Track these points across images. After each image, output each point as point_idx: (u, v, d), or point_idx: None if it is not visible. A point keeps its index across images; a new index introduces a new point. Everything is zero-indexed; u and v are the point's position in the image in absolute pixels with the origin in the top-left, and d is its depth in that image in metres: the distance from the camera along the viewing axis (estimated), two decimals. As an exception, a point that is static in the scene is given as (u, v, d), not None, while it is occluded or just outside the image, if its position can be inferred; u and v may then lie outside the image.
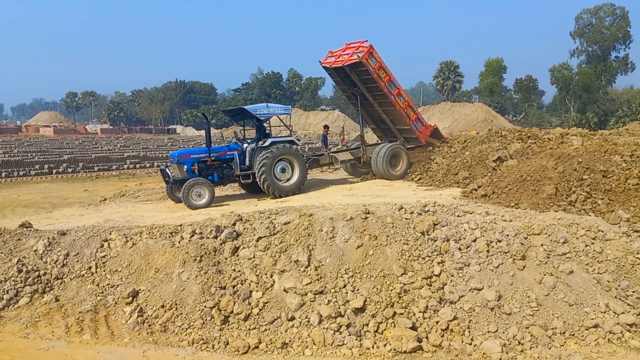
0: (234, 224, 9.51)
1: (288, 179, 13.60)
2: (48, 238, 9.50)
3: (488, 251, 8.55)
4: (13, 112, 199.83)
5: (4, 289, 8.49)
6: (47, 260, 9.11)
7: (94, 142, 49.60)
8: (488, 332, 7.59)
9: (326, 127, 22.55)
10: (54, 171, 26.49)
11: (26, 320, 7.97)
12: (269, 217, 9.62)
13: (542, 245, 8.63)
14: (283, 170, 13.51)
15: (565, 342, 7.38)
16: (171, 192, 13.53)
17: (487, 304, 7.86)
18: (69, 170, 27.10)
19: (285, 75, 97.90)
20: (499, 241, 8.69)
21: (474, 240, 8.82)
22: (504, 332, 7.55)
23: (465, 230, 9.09)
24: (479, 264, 8.40)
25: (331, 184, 16.07)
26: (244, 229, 9.40)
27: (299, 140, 14.47)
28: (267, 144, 13.33)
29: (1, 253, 9.12)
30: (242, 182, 13.85)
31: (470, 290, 8.10)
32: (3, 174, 24.64)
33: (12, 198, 18.47)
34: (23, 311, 8.22)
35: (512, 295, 7.97)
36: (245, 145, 13.85)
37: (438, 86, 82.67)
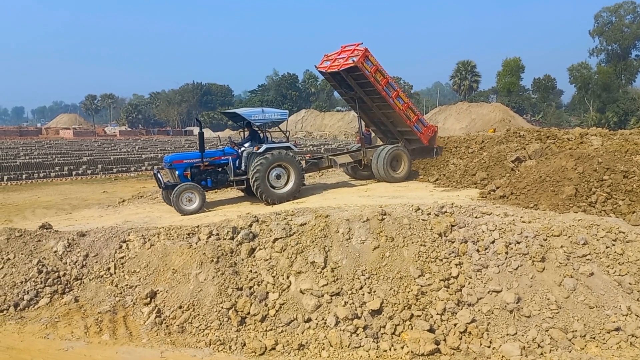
0: (251, 225, 9.52)
1: (283, 186, 13.32)
2: (67, 239, 9.60)
3: (507, 253, 8.45)
4: (34, 114, 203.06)
5: (25, 289, 8.60)
6: (67, 261, 9.20)
7: (112, 144, 50.17)
8: (507, 334, 7.51)
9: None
10: (74, 173, 26.81)
11: (46, 321, 8.07)
12: (285, 219, 9.62)
13: (561, 246, 8.51)
14: (278, 176, 13.21)
15: (586, 346, 7.26)
16: (166, 197, 13.28)
17: (506, 306, 7.77)
18: (88, 172, 27.42)
19: (301, 77, 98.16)
20: (518, 243, 8.59)
21: (493, 242, 8.72)
22: (523, 335, 7.46)
23: (483, 231, 8.99)
24: (498, 266, 8.30)
25: (347, 185, 16.03)
26: (261, 230, 9.41)
27: (295, 146, 14.17)
28: (261, 150, 13.08)
29: (22, 254, 9.24)
30: (237, 187, 13.62)
31: (488, 292, 8.02)
32: (24, 176, 25.02)
33: (33, 199, 18.74)
34: (43, 311, 8.32)
35: (532, 297, 7.86)
36: (242, 149, 13.65)
37: (455, 86, 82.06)
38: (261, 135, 13.86)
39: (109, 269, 9.09)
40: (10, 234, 9.61)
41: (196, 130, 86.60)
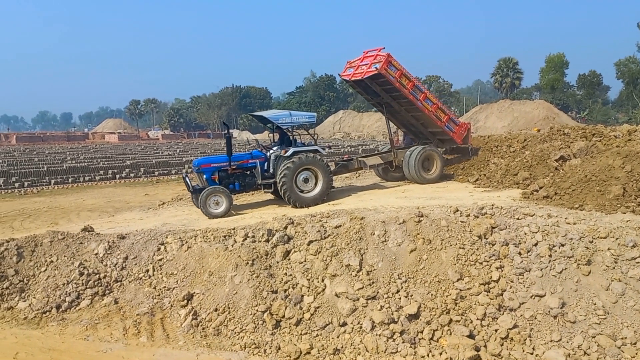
0: (286, 228, 9.49)
1: (311, 189, 13.20)
2: (108, 242, 9.80)
3: (550, 256, 8.12)
4: (81, 120, 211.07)
5: (67, 291, 8.81)
6: (107, 264, 9.39)
7: (155, 148, 51.27)
8: (551, 341, 7.21)
9: None
10: (117, 176, 27.50)
11: (86, 322, 8.23)
12: (320, 221, 9.55)
13: (609, 249, 8.10)
14: (306, 180, 13.09)
15: (636, 354, 6.88)
16: (196, 200, 13.27)
17: (549, 311, 7.47)
18: (131, 175, 28.07)
19: (338, 78, 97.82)
20: (562, 245, 8.24)
21: (535, 244, 8.40)
22: (568, 342, 7.14)
23: (525, 233, 8.68)
24: (541, 270, 7.99)
25: (384, 186, 15.84)
26: (295, 232, 9.37)
27: (324, 149, 13.96)
28: (289, 153, 13.01)
29: (64, 256, 9.47)
30: (264, 190, 13.61)
31: (531, 296, 7.72)
32: (70, 180, 25.79)
33: (78, 203, 19.29)
34: (84, 313, 8.49)
35: (577, 302, 7.53)
36: (270, 151, 13.60)
37: (496, 84, 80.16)
38: (291, 138, 13.82)
39: (147, 271, 9.22)
40: (53, 236, 9.88)
41: (235, 132, 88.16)
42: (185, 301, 8.47)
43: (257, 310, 8.01)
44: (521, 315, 7.56)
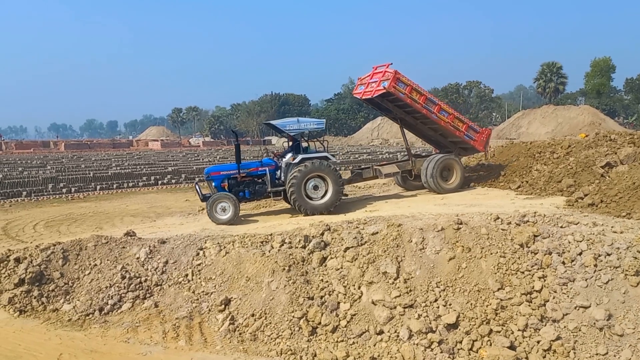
0: (322, 234, 9.48)
1: (321, 197, 13.03)
2: (149, 246, 10.02)
3: (596, 265, 7.82)
4: (126, 127, 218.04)
5: (109, 294, 9.05)
6: (148, 268, 9.59)
7: (195, 154, 52.22)
8: (596, 354, 6.93)
9: None
10: (160, 182, 28.14)
11: (128, 325, 8.41)
12: (356, 227, 9.50)
13: (659, 259, 7.76)
14: (315, 187, 12.96)
15: (689, 370, 6.56)
16: None
17: (595, 323, 7.19)
18: (173, 181, 28.68)
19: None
20: (609, 255, 7.93)
21: (580, 254, 8.11)
22: (615, 356, 6.85)
23: (569, 242, 8.39)
24: (586, 280, 7.71)
25: (422, 193, 15.64)
26: (332, 238, 9.34)
27: (333, 156, 13.75)
28: (297, 160, 12.91)
29: (107, 260, 9.74)
30: (274, 199, 13.51)
31: (575, 308, 7.45)
32: (114, 185, 26.56)
33: (122, 208, 19.81)
34: (125, 316, 8.69)
35: (625, 314, 7.22)
36: (282, 159, 13.52)
37: (539, 89, 78.40)
38: (304, 145, 13.75)
39: (186, 275, 9.38)
40: (97, 241, 10.18)
41: (274, 139, 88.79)
42: (223, 306, 8.56)
43: (293, 317, 8.02)
44: (565, 327, 7.31)
